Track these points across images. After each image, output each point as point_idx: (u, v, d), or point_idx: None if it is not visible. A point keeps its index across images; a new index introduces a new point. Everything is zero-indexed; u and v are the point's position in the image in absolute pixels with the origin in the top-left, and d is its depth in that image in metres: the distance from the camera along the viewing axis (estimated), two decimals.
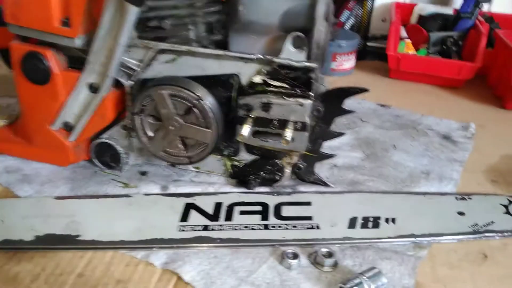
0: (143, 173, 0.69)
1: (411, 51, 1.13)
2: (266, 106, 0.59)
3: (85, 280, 0.51)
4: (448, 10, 1.23)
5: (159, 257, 0.54)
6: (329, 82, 1.05)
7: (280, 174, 0.67)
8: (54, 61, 0.61)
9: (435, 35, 1.15)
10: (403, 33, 1.19)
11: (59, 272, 0.52)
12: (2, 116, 0.73)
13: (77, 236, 0.56)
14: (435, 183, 0.71)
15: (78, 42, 0.59)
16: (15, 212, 0.59)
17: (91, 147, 0.68)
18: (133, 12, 0.54)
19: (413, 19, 1.26)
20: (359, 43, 1.15)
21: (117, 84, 0.63)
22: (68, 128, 0.66)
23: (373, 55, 1.28)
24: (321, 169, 0.72)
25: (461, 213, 0.63)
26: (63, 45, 0.60)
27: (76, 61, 0.62)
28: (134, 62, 0.61)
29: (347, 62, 1.11)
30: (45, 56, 0.60)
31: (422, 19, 1.23)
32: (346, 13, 1.23)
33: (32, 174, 0.68)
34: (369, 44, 1.29)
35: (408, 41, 1.14)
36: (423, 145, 0.83)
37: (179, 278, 0.52)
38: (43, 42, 0.60)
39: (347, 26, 1.24)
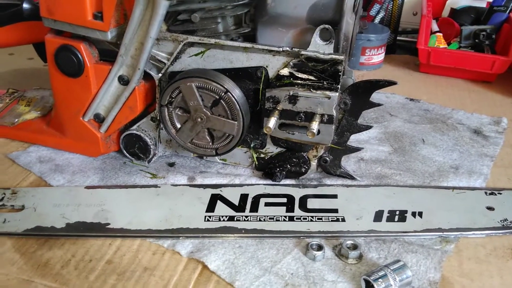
0: (171, 164, 0.71)
1: (442, 45, 1.10)
2: (293, 99, 0.59)
3: (113, 267, 0.52)
4: (481, 3, 1.19)
5: (185, 246, 0.55)
6: (358, 76, 1.06)
7: (306, 166, 0.67)
8: (86, 54, 0.63)
9: (467, 29, 1.12)
10: (435, 26, 1.16)
11: (88, 259, 0.53)
12: (36, 108, 0.76)
13: (107, 224, 0.58)
14: (464, 178, 0.70)
15: (110, 35, 0.60)
16: (47, 200, 0.61)
17: (120, 138, 0.69)
18: (163, 5, 0.55)
19: (445, 13, 1.24)
20: (389, 37, 1.13)
21: (147, 76, 0.64)
22: (99, 119, 0.68)
23: (403, 49, 1.26)
24: (348, 162, 0.72)
25: (490, 208, 0.62)
26: (95, 38, 0.61)
27: (108, 53, 0.64)
28: (164, 55, 0.62)
29: (377, 56, 1.10)
30: (78, 49, 0.62)
31: (454, 13, 1.21)
32: (376, 6, 1.21)
33: (64, 164, 0.70)
34: (399, 38, 1.27)
35: (439, 34, 1.11)
36: (452, 140, 0.81)
37: (205, 266, 0.53)
38: (76, 35, 0.62)
39: (377, 20, 1.23)
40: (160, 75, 0.63)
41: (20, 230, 0.57)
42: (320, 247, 0.55)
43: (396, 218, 0.60)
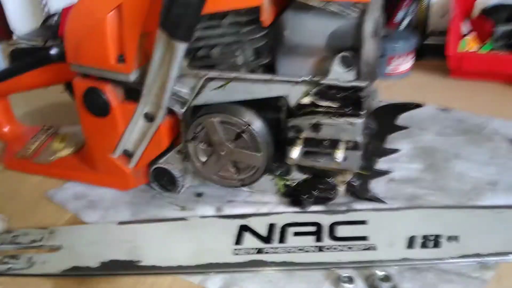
0: (199, 195, 0.71)
1: (475, 46, 1.06)
2: (316, 127, 0.58)
3: None
4: None
5: (215, 282, 0.56)
6: (385, 87, 1.03)
7: (333, 192, 0.66)
8: (112, 95, 0.65)
9: (501, 28, 1.07)
10: (465, 28, 1.12)
11: None
12: (70, 145, 0.79)
13: (138, 261, 0.59)
14: (502, 195, 0.67)
15: (132, 77, 0.62)
16: (82, 239, 0.64)
17: (149, 172, 0.71)
18: (181, 48, 0.56)
19: (476, 12, 1.19)
20: (416, 42, 1.10)
21: (171, 111, 0.65)
22: (127, 155, 0.69)
23: (432, 52, 1.22)
24: (378, 184, 0.70)
25: None
26: (120, 80, 0.63)
27: (133, 91, 0.65)
28: (185, 91, 0.63)
29: (403, 64, 1.07)
30: (103, 91, 0.64)
31: (486, 12, 1.16)
32: (401, 13, 1.18)
33: (96, 200, 0.72)
34: (427, 42, 1.23)
35: (470, 38, 1.07)
36: (489, 152, 0.77)
37: None
38: (102, 77, 0.64)
39: (403, 25, 1.20)
40: (183, 110, 0.64)
41: (59, 271, 0.59)
42: (351, 280, 0.54)
43: (431, 244, 0.58)
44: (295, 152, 0.59)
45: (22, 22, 1.49)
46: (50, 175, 0.78)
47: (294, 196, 0.67)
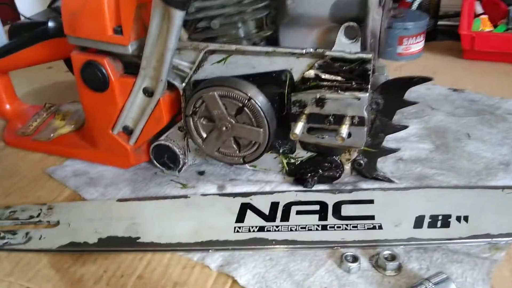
0: (201, 173, 0.70)
1: (488, 28, 1.03)
2: (320, 102, 0.56)
3: (144, 282, 0.52)
4: None
5: (214, 259, 0.54)
6: (396, 68, 1.01)
7: (339, 171, 0.64)
8: (110, 68, 0.63)
9: None
10: (479, 9, 1.08)
11: (120, 274, 0.53)
12: (71, 122, 0.78)
13: (137, 238, 0.57)
14: None
15: (130, 49, 0.60)
16: (81, 215, 0.62)
17: (150, 149, 0.69)
18: (178, 16, 0.54)
19: None
20: (428, 23, 1.07)
21: (171, 86, 0.63)
22: (127, 132, 0.68)
23: (444, 34, 1.19)
24: (386, 163, 0.68)
25: None
26: (117, 52, 0.61)
27: (133, 66, 0.63)
28: (186, 64, 0.61)
29: (415, 44, 1.04)
30: (102, 64, 0.62)
31: None
32: None
33: (97, 177, 0.71)
34: (440, 23, 1.20)
35: (484, 17, 1.04)
36: (502, 133, 0.75)
37: (234, 281, 0.51)
38: (100, 50, 0.62)
39: (415, 5, 1.16)
40: (183, 84, 0.62)
41: (55, 246, 0.57)
42: (355, 258, 0.52)
43: (439, 223, 0.56)
44: (299, 127, 0.56)
45: (29, 4, 1.49)
46: (51, 152, 0.76)
47: (298, 174, 0.65)
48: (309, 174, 0.64)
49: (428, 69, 0.99)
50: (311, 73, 0.57)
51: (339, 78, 0.56)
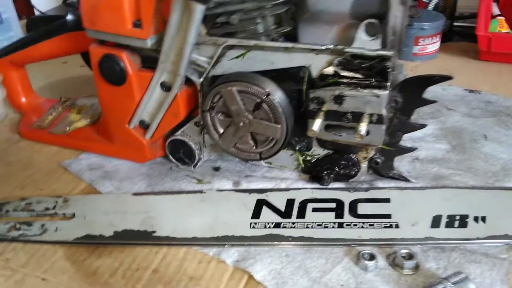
0: (216, 169, 0.70)
1: (505, 29, 1.01)
2: (339, 99, 0.56)
3: (159, 276, 0.52)
4: None
5: (230, 254, 0.54)
6: (412, 68, 1.00)
7: (355, 169, 0.63)
8: (129, 62, 0.63)
9: None
10: (495, 10, 1.07)
11: (135, 267, 0.53)
12: (87, 116, 0.78)
13: (153, 232, 0.57)
14: None
15: (149, 42, 0.60)
16: (96, 208, 0.62)
17: (166, 144, 0.69)
18: (199, 10, 0.54)
19: None
20: (444, 23, 1.06)
21: (189, 81, 0.63)
22: (144, 126, 0.68)
23: (460, 36, 1.18)
24: (402, 163, 0.68)
25: None
26: (136, 46, 0.61)
27: (151, 60, 0.63)
28: (204, 59, 0.61)
29: (431, 45, 1.03)
30: (120, 58, 0.62)
31: None
32: None
33: (112, 171, 0.71)
34: (456, 24, 1.19)
35: (501, 18, 1.03)
36: None
37: (250, 276, 0.51)
38: (118, 44, 0.62)
39: (431, 6, 1.15)
40: (201, 79, 0.62)
41: (71, 239, 0.58)
42: (372, 257, 0.52)
43: (456, 223, 0.55)
44: (316, 124, 0.56)
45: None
46: (66, 146, 0.77)
47: (314, 172, 0.65)
48: (325, 172, 0.64)
49: (444, 70, 0.99)
50: (330, 70, 0.57)
51: (358, 75, 0.56)
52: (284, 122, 0.59)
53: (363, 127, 0.54)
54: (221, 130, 0.63)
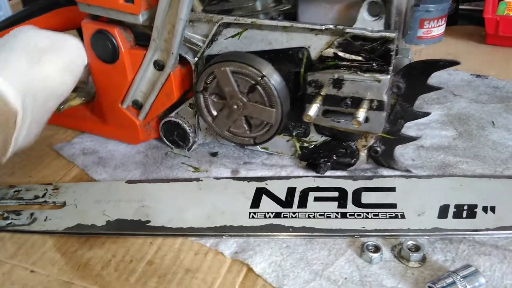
0: (214, 154, 0.67)
1: None
2: (338, 83, 0.52)
3: (154, 268, 0.50)
4: None
5: (228, 245, 0.51)
6: (416, 52, 0.97)
7: (354, 157, 0.61)
8: (121, 39, 0.60)
9: None
10: None
11: (129, 259, 0.51)
12: (82, 95, 0.74)
13: (147, 221, 0.55)
14: None
15: (141, 18, 0.56)
16: (88, 196, 0.60)
17: (160, 125, 0.67)
18: None
19: None
20: (450, 6, 1.03)
21: (183, 61, 0.60)
22: (137, 106, 0.65)
23: (466, 19, 1.14)
24: (406, 150, 0.65)
25: None
26: (128, 22, 0.58)
27: (143, 36, 0.60)
28: (199, 37, 0.58)
29: (436, 28, 0.99)
30: (112, 33, 0.60)
31: None
32: None
33: (106, 157, 0.68)
34: (462, 6, 1.15)
35: (510, 1, 0.99)
36: None
37: (250, 269, 0.49)
38: (111, 20, 0.59)
39: None
40: (196, 59, 0.59)
41: (61, 229, 0.55)
42: (377, 248, 0.49)
43: (465, 213, 0.53)
44: (313, 109, 0.53)
45: None
46: (59, 124, 0.74)
47: (311, 159, 0.62)
48: (322, 160, 0.61)
49: (449, 54, 0.96)
50: (330, 51, 0.54)
51: (359, 58, 0.53)
52: (279, 106, 0.56)
53: (361, 113, 0.51)
54: (215, 113, 0.60)
